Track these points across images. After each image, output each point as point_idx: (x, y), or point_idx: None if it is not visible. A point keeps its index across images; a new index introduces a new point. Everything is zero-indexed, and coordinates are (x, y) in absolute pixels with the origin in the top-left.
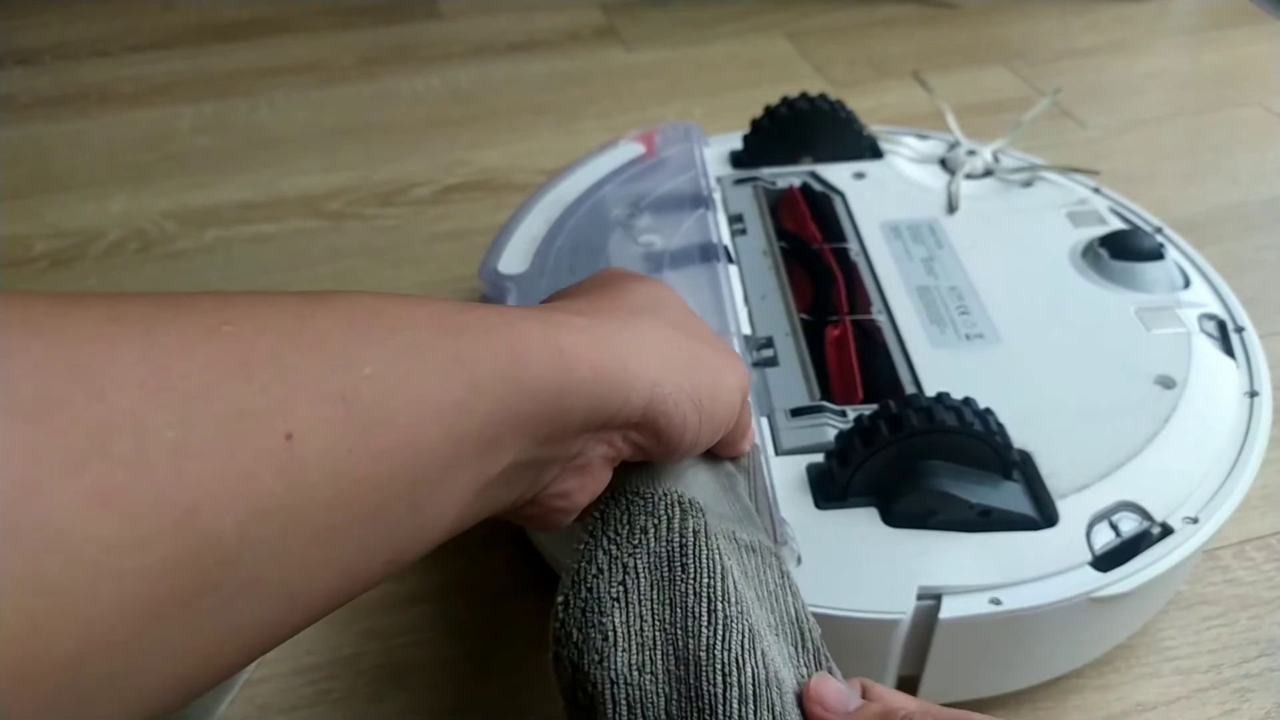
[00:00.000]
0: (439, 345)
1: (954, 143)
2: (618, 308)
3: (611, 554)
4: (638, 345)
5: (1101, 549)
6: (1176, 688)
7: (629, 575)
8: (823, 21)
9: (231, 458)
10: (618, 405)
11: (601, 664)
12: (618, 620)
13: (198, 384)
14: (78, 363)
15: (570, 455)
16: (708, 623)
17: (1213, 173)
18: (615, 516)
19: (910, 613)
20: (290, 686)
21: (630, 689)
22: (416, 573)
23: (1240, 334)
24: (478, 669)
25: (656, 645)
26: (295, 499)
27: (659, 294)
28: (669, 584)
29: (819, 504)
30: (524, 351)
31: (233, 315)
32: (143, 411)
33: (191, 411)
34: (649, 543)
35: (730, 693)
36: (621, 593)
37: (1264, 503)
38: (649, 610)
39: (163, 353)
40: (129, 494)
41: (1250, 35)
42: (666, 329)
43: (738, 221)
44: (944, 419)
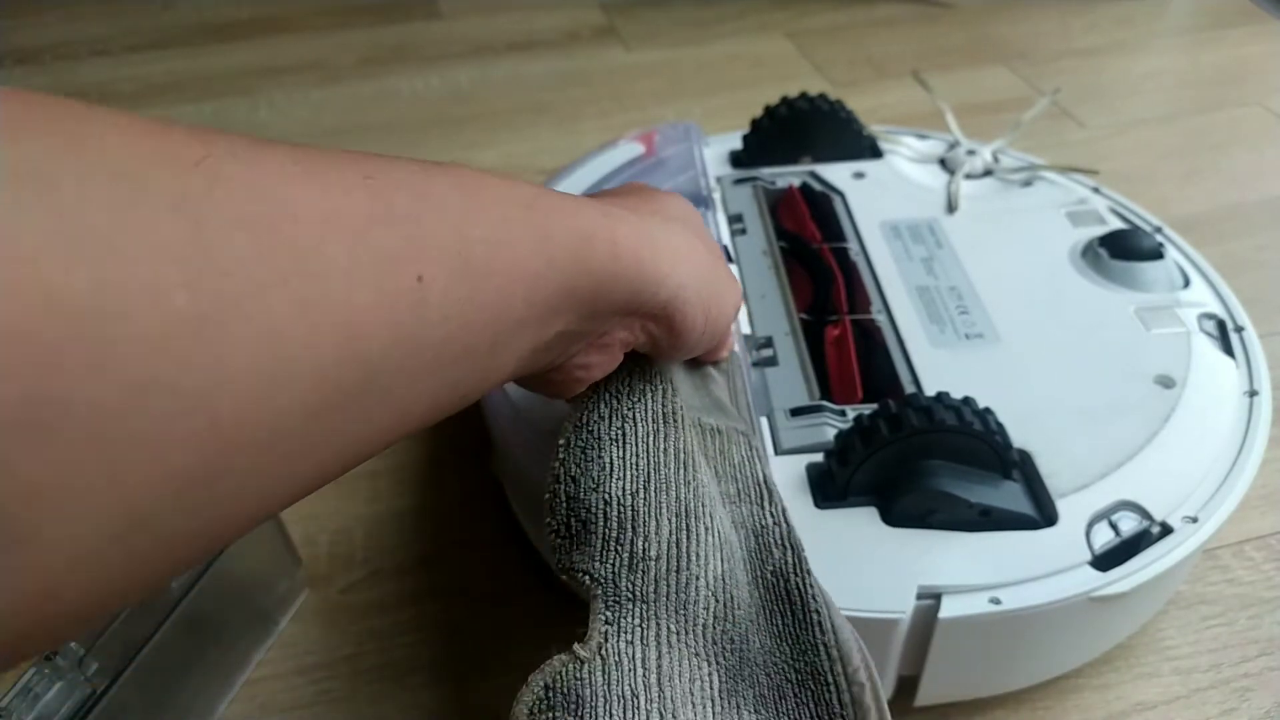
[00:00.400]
0: (529, 222)
1: (954, 142)
2: (654, 213)
3: (613, 406)
4: (671, 248)
5: (1101, 548)
6: (1176, 687)
7: (628, 423)
8: (823, 21)
9: (380, 290)
10: (649, 295)
11: (598, 490)
12: (615, 455)
13: (358, 223)
14: (277, 191)
15: (599, 332)
16: (691, 478)
17: (1212, 172)
18: (617, 380)
19: (910, 612)
20: (290, 686)
21: (623, 509)
22: (417, 573)
23: (1240, 333)
24: (478, 669)
25: (650, 481)
26: (419, 333)
27: (686, 209)
28: (662, 437)
29: (818, 504)
30: (589, 237)
31: (372, 170)
32: (324, 240)
33: (355, 246)
34: (647, 402)
35: (708, 536)
36: (620, 435)
37: (1263, 502)
38: (645, 451)
39: (331, 194)
40: (316, 308)
41: (1250, 35)
42: (693, 239)
43: (737, 221)
44: (944, 418)
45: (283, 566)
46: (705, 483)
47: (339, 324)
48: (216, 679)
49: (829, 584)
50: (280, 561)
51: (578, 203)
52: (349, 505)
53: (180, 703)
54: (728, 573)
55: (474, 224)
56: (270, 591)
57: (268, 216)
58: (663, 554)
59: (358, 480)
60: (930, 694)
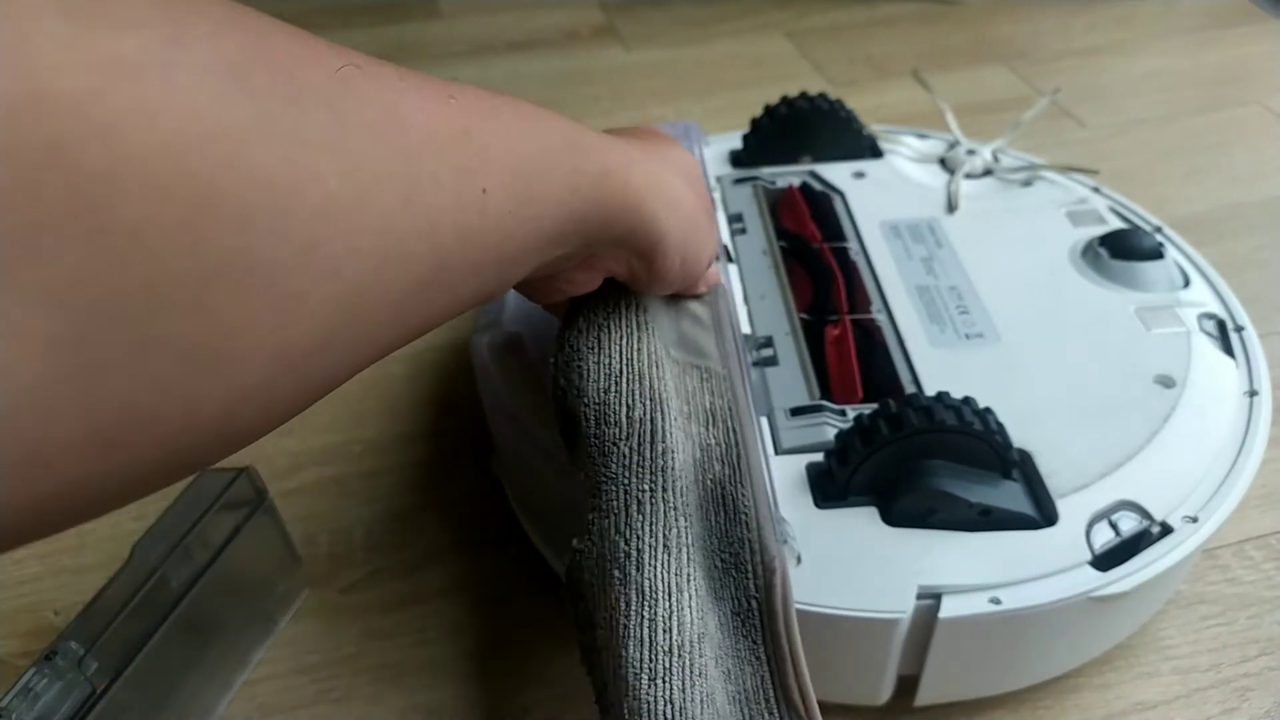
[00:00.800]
0: (566, 154)
1: (954, 142)
2: (662, 159)
3: (590, 319)
4: (667, 198)
5: (1101, 548)
6: (1176, 687)
7: (603, 331)
8: (823, 21)
9: (457, 196)
10: (641, 235)
11: (580, 395)
12: (591, 361)
13: (446, 139)
14: (391, 103)
15: (591, 256)
16: (662, 374)
17: (1212, 172)
18: (594, 298)
19: (910, 612)
20: (291, 685)
21: (599, 406)
22: (417, 573)
23: (1240, 333)
24: (478, 669)
25: (623, 375)
26: (477, 236)
27: (689, 163)
28: (635, 339)
29: (818, 503)
30: (606, 175)
31: (455, 92)
32: (423, 149)
33: (443, 157)
34: (621, 313)
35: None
36: (595, 342)
37: (1263, 502)
38: (618, 352)
39: (427, 110)
40: (414, 205)
41: (1250, 35)
42: (688, 194)
43: (737, 221)
44: (944, 418)
45: (283, 566)
46: (670, 382)
47: (428, 221)
48: (216, 679)
49: (829, 584)
50: (280, 561)
51: (604, 141)
52: (349, 505)
53: (180, 702)
54: (685, 462)
55: (526, 150)
56: (270, 591)
57: (385, 124)
58: (634, 433)
59: (358, 480)
60: (930, 694)
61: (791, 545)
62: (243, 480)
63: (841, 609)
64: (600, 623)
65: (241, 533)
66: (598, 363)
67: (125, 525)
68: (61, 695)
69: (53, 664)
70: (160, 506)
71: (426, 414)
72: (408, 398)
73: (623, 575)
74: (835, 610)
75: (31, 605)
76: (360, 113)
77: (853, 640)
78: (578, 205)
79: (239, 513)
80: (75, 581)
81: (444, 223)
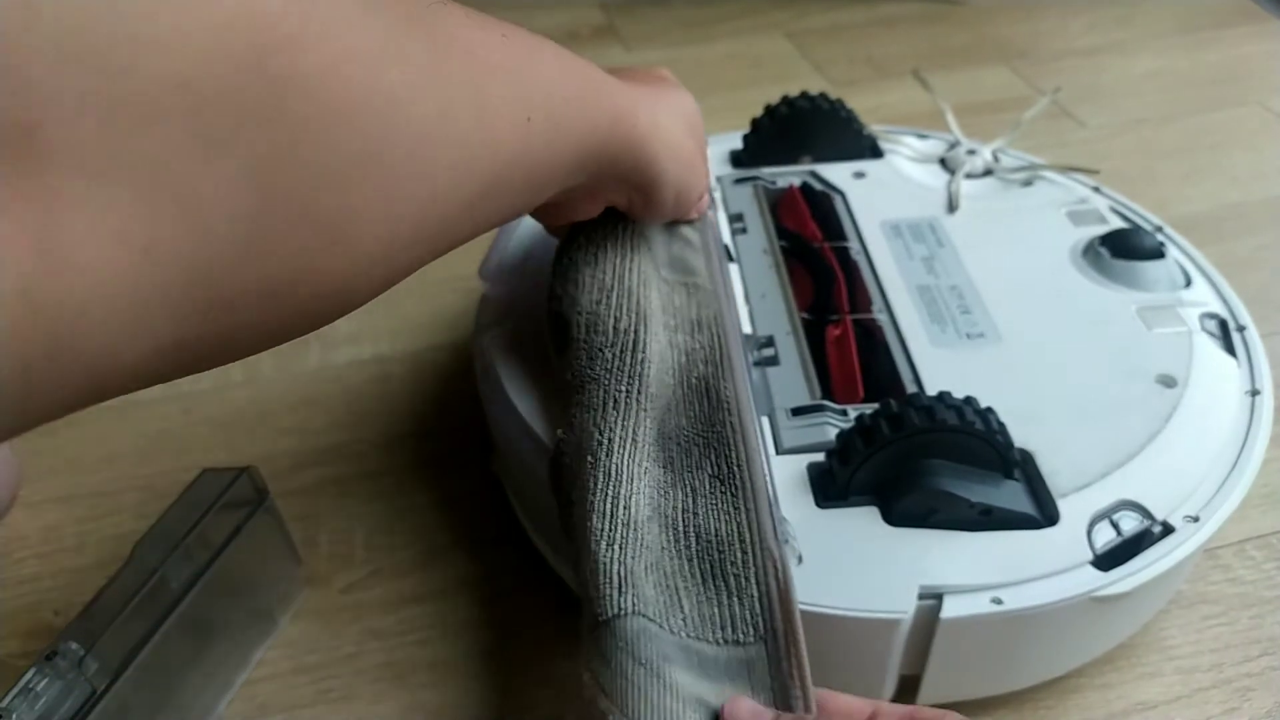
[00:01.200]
0: (591, 93)
1: (954, 142)
2: (666, 108)
3: (591, 239)
4: (666, 139)
5: (1103, 548)
6: (1178, 687)
7: (600, 250)
8: (822, 21)
9: (511, 122)
10: (642, 170)
11: (574, 305)
12: (586, 275)
13: (504, 70)
14: (466, 35)
15: (596, 186)
16: (649, 294)
17: (1212, 172)
18: (596, 223)
19: (911, 612)
20: (290, 685)
21: (591, 315)
22: (417, 572)
23: (1242, 333)
24: (478, 668)
25: (614, 290)
26: (520, 159)
27: (688, 105)
28: (629, 260)
29: (820, 503)
30: (619, 115)
31: (506, 31)
32: (488, 78)
33: (503, 86)
34: (618, 236)
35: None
36: (592, 259)
37: (1265, 501)
38: (611, 269)
39: (490, 44)
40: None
41: (1249, 35)
42: (686, 139)
43: (738, 220)
44: (945, 418)
45: (283, 566)
46: (655, 300)
47: (492, 140)
48: (217, 679)
49: (830, 584)
50: (280, 561)
51: (618, 85)
52: (349, 505)
53: (180, 702)
54: (664, 369)
55: (562, 87)
56: (270, 591)
57: (462, 54)
58: (619, 341)
59: (358, 480)
60: (932, 694)
61: (793, 545)
62: (244, 480)
63: (843, 609)
64: (575, 499)
65: (242, 533)
66: (592, 276)
67: (125, 525)
68: (61, 695)
69: (53, 664)
70: (160, 506)
71: (427, 414)
72: (408, 398)
73: (594, 460)
74: (836, 610)
75: (31, 605)
76: (449, 43)
77: (854, 640)
78: (594, 142)
79: (240, 512)
80: (75, 581)
81: (502, 142)
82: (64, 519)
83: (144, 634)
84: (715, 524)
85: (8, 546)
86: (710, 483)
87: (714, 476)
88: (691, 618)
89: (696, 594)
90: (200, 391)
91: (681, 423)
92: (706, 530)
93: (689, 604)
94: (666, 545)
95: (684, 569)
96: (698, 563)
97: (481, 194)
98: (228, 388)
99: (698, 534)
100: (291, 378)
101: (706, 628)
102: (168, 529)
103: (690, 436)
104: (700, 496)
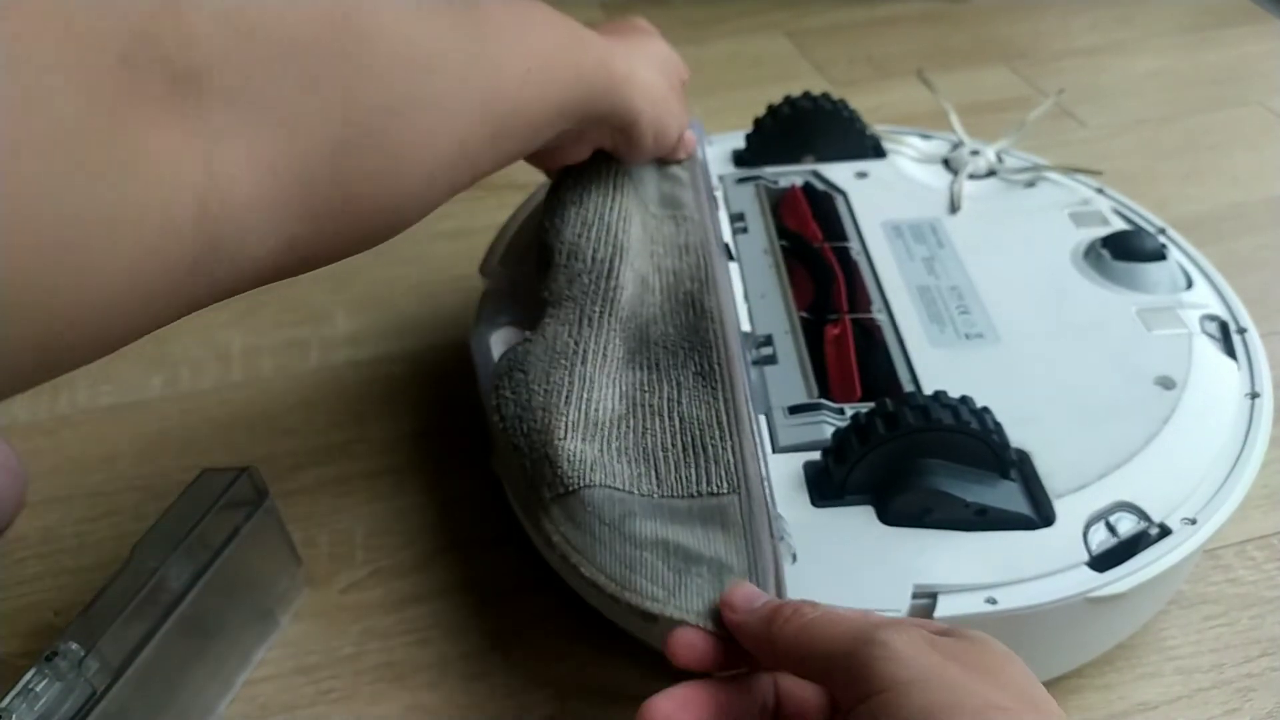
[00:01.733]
0: (575, 47)
1: (957, 142)
2: (641, 55)
3: (578, 179)
4: (641, 81)
5: (1098, 549)
6: (1178, 687)
7: (584, 190)
8: (823, 20)
9: (515, 72)
10: (621, 112)
11: (557, 235)
12: (572, 212)
13: (510, 32)
14: (487, 7)
15: (582, 130)
16: (628, 229)
17: (1213, 172)
18: (581, 168)
19: (906, 611)
20: (291, 686)
21: (572, 246)
22: (417, 572)
23: (1242, 335)
24: (478, 668)
25: (594, 226)
26: (526, 105)
27: (663, 50)
28: (611, 200)
29: (815, 502)
30: (597, 65)
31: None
32: (499, 35)
33: (511, 44)
34: (600, 178)
35: (626, 267)
36: (578, 198)
37: (1266, 501)
38: (594, 206)
39: (493, 4)
40: (498, 72)
41: (1250, 34)
42: (659, 78)
43: (739, 220)
44: (940, 417)
45: (283, 566)
46: (637, 236)
47: (501, 86)
48: (217, 679)
49: (825, 582)
50: (281, 561)
51: (595, 38)
52: (349, 505)
53: (180, 703)
54: (643, 290)
55: (551, 43)
56: (271, 591)
57: (478, 15)
58: (594, 269)
59: (358, 480)
60: None
61: (788, 543)
62: (244, 480)
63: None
64: (536, 390)
65: (242, 533)
66: (576, 213)
67: (125, 525)
68: (61, 696)
69: (53, 664)
70: (160, 507)
71: (426, 414)
72: (408, 398)
73: (569, 366)
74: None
75: (31, 605)
76: (470, 6)
77: None
78: (579, 88)
79: (240, 513)
80: (75, 581)
81: (509, 89)
82: (64, 519)
83: (144, 634)
84: (697, 410)
85: (8, 546)
86: (694, 378)
87: (697, 373)
88: (667, 480)
89: (677, 461)
90: (200, 391)
91: (668, 330)
92: (689, 415)
93: (666, 470)
94: (650, 427)
95: (667, 443)
96: (680, 437)
97: (495, 134)
98: (228, 388)
99: (681, 418)
100: (291, 378)
101: (682, 486)
102: (168, 529)
103: (676, 341)
104: (684, 389)
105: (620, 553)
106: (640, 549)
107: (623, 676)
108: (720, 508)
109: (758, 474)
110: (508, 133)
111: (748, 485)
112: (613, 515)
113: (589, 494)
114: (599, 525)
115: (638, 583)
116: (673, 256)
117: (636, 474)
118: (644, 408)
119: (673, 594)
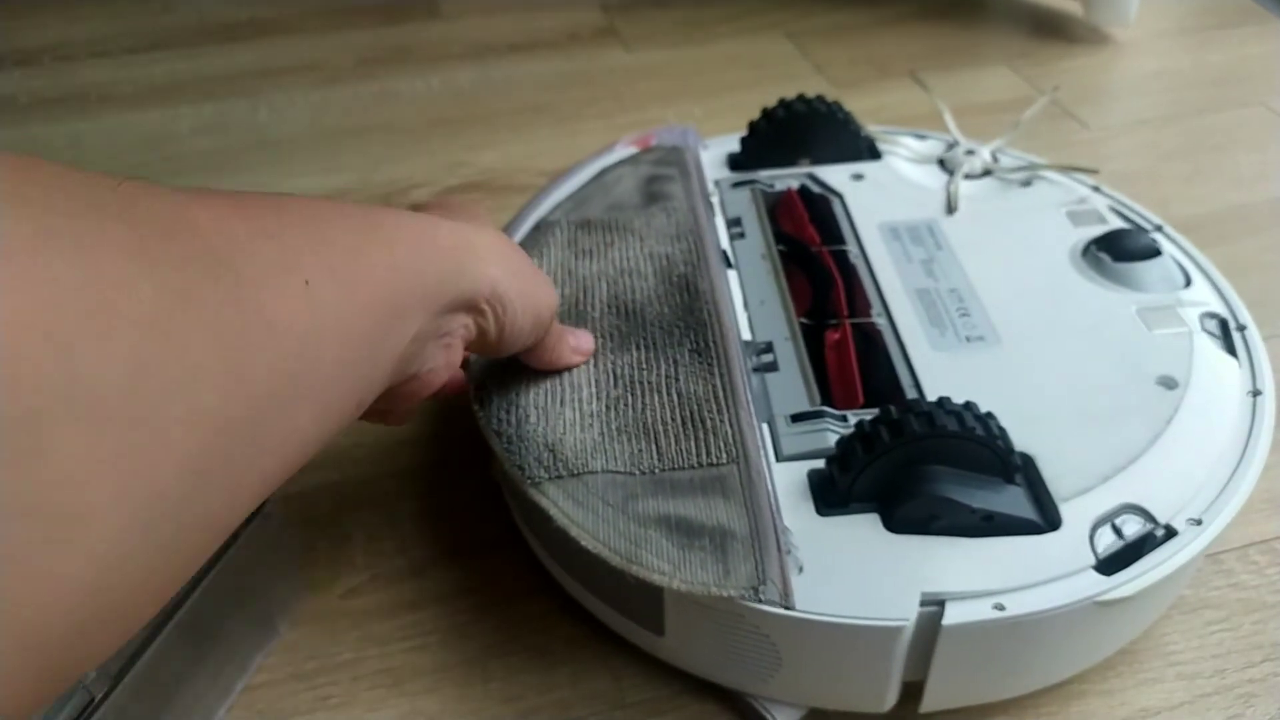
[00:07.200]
0: (370, 234)
1: (952, 143)
2: (470, 222)
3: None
4: (485, 245)
5: (1105, 552)
6: (1180, 693)
7: None
8: (823, 21)
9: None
10: (477, 288)
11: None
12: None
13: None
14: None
15: (443, 332)
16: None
17: (1215, 173)
18: None
19: (913, 620)
20: (289, 692)
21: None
22: (416, 578)
23: (1243, 332)
24: (477, 674)
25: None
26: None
27: (494, 229)
28: None
29: (820, 510)
30: (420, 239)
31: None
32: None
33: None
34: None
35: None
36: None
37: (1267, 506)
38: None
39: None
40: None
41: (1252, 35)
42: (502, 240)
43: (736, 225)
44: (945, 424)
45: (282, 572)
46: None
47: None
48: (216, 685)
49: (831, 592)
50: (280, 567)
51: (404, 214)
52: (348, 510)
53: (178, 709)
54: (626, 286)
55: (331, 237)
56: (270, 597)
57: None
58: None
59: (357, 485)
60: (935, 700)
61: (794, 554)
62: None
63: (845, 617)
64: (525, 393)
65: (241, 538)
66: None
67: None
68: (59, 703)
69: None
70: None
71: (426, 419)
72: None
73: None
74: (838, 618)
75: None
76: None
77: (856, 648)
78: (405, 276)
79: None
80: None
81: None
82: None
83: (143, 641)
84: (694, 386)
85: None
86: (690, 355)
87: (692, 350)
88: (668, 454)
89: (676, 435)
90: None
91: (664, 311)
92: (687, 391)
93: (666, 444)
94: (649, 403)
95: (666, 417)
96: (679, 412)
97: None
98: None
99: (679, 394)
100: None
101: (683, 458)
102: None
103: (672, 321)
104: (681, 366)
105: (625, 530)
106: (644, 527)
107: (624, 683)
108: (720, 477)
109: (755, 444)
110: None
111: (746, 454)
112: (617, 498)
113: (593, 479)
114: (603, 506)
115: (644, 557)
116: (665, 244)
117: (637, 449)
118: (642, 385)
119: (678, 568)
